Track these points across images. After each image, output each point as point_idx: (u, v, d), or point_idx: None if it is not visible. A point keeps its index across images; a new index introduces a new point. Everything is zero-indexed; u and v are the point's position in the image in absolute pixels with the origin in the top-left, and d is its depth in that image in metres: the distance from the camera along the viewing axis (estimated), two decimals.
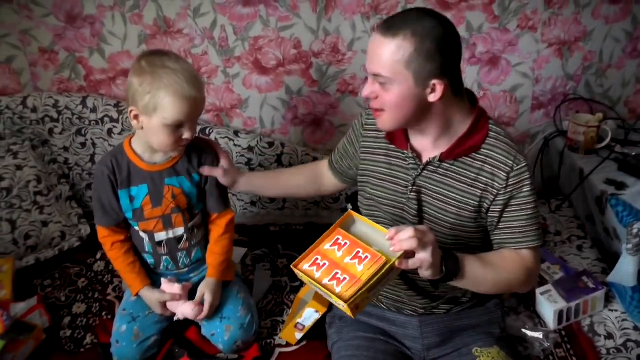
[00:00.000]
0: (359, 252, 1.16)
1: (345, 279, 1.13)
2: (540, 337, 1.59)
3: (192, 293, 1.60)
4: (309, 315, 1.58)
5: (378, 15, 2.03)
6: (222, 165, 1.60)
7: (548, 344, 1.58)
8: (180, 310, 1.56)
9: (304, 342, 1.61)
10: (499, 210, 1.30)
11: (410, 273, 1.32)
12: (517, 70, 2.16)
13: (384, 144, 1.41)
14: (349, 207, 1.87)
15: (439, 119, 1.28)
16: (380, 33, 1.21)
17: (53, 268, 1.92)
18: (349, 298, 1.10)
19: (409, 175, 1.35)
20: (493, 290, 1.35)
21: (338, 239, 1.20)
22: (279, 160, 2.13)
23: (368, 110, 1.43)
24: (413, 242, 1.11)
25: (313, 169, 1.70)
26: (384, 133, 1.39)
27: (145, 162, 1.56)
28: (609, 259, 1.81)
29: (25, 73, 2.14)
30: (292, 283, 1.84)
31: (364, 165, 1.45)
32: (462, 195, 1.31)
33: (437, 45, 1.19)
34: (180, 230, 1.60)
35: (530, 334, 1.60)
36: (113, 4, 2.03)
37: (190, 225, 1.61)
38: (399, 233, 1.12)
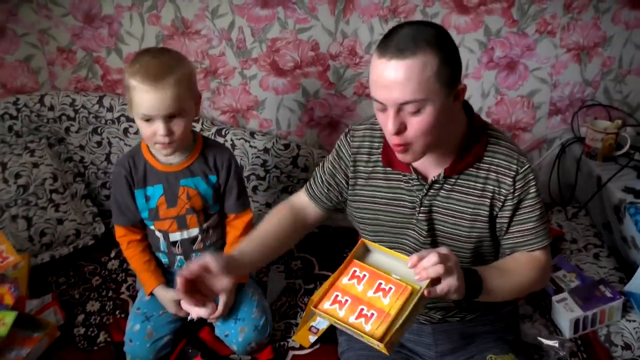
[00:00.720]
0: (381, 283, 1.09)
1: (373, 315, 1.06)
2: (556, 345, 1.57)
3: None
4: (324, 319, 1.58)
5: (396, 18, 2.02)
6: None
7: (564, 353, 1.56)
8: (195, 310, 1.55)
9: (317, 345, 1.61)
10: (509, 215, 1.28)
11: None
12: (534, 75, 2.14)
13: (380, 168, 1.34)
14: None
15: (452, 129, 1.24)
16: (395, 57, 1.10)
17: (68, 266, 1.93)
18: (382, 336, 1.03)
19: (415, 197, 1.30)
20: (511, 297, 1.33)
21: (355, 271, 1.12)
22: (295, 162, 2.12)
23: (352, 132, 1.38)
24: (439, 268, 1.05)
25: (290, 214, 1.44)
26: (379, 156, 1.33)
27: (161, 162, 1.57)
28: (627, 268, 1.79)
29: (43, 72, 2.15)
30: (305, 285, 1.84)
31: (360, 191, 1.37)
32: (473, 207, 1.28)
33: (450, 47, 1.16)
34: (195, 231, 1.60)
35: (546, 342, 1.58)
36: (131, 4, 2.04)
37: (205, 227, 1.61)
38: (422, 260, 1.06)
